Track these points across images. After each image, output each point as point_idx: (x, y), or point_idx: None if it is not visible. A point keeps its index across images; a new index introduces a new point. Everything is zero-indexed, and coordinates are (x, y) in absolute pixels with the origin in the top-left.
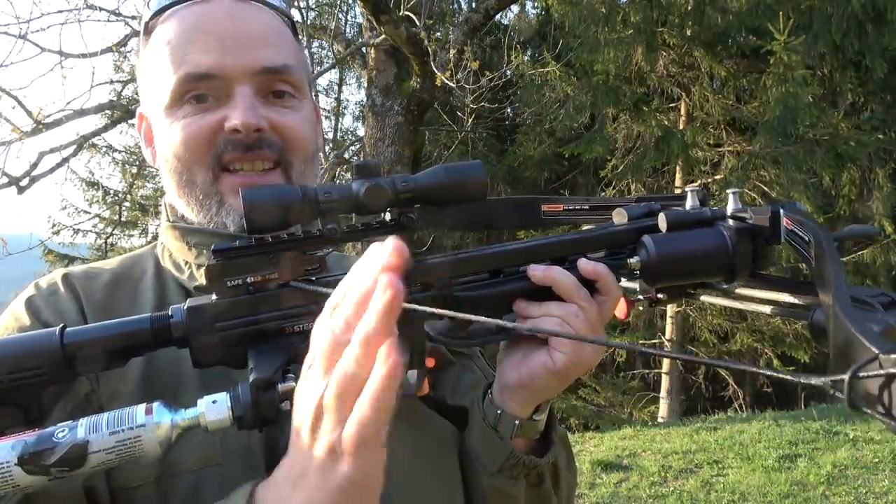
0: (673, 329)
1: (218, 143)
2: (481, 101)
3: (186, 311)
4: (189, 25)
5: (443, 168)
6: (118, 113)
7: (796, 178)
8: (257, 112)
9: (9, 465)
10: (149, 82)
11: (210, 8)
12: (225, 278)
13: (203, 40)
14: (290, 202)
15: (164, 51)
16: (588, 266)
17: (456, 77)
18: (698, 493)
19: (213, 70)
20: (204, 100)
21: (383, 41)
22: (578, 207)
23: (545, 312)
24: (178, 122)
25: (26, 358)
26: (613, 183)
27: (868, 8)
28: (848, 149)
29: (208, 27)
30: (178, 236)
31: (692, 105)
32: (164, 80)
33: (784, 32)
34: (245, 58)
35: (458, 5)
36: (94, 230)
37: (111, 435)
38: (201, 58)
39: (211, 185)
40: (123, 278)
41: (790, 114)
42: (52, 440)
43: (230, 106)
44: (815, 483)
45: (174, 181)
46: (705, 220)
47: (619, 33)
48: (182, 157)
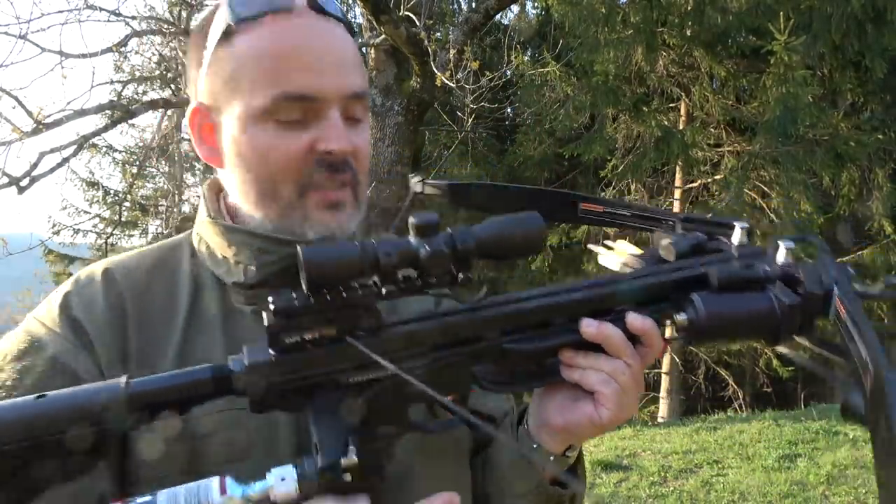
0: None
1: (308, 164)
2: (481, 101)
3: (247, 367)
4: (285, 41)
5: (500, 222)
6: (118, 113)
7: (796, 178)
8: (348, 137)
9: None
10: (228, 86)
11: (300, 23)
12: (283, 335)
13: (303, 60)
14: (349, 261)
15: (257, 61)
16: (637, 322)
17: (456, 77)
18: (698, 493)
19: (313, 93)
20: (299, 113)
21: (383, 41)
22: (619, 212)
23: (593, 366)
24: (268, 135)
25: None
26: (613, 183)
27: (868, 8)
28: (848, 149)
29: (305, 46)
30: (219, 232)
31: (692, 105)
32: (255, 91)
33: (784, 32)
34: (339, 82)
35: (458, 5)
36: (94, 230)
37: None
38: (301, 79)
39: (297, 200)
40: (162, 264)
41: (790, 114)
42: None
43: (321, 127)
44: (815, 483)
45: (252, 188)
46: (757, 282)
47: (619, 33)
48: (269, 171)
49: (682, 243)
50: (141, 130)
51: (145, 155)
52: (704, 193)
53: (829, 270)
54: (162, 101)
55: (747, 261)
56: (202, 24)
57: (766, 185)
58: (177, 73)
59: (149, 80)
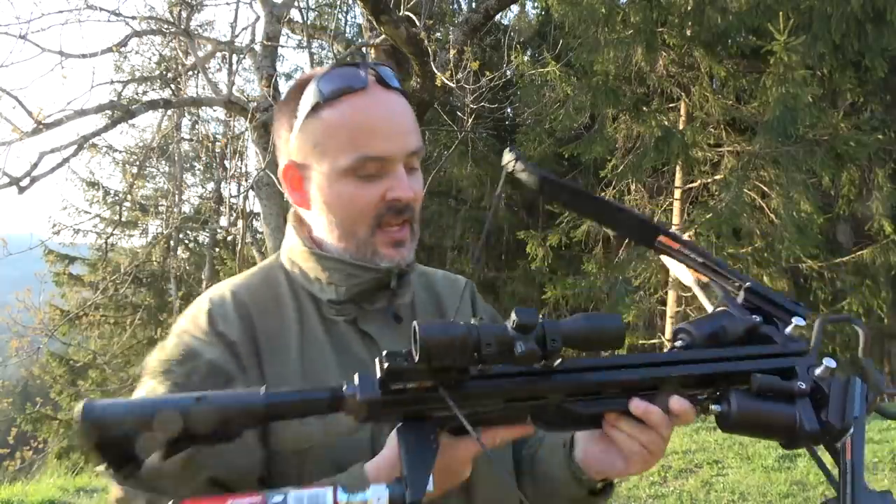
0: (673, 329)
1: (380, 208)
2: (481, 101)
3: (359, 400)
4: (363, 114)
5: (586, 323)
6: (118, 113)
7: (796, 178)
8: (411, 186)
9: None
10: (316, 149)
11: (373, 99)
12: (390, 383)
13: (377, 129)
14: (456, 343)
15: (341, 130)
16: (677, 406)
17: (456, 77)
18: (698, 492)
19: (386, 155)
20: (373, 171)
21: (383, 41)
22: (693, 256)
23: (632, 434)
24: (350, 188)
25: (235, 413)
26: (613, 183)
27: (868, 8)
28: (847, 149)
29: (378, 117)
30: (315, 259)
31: (692, 105)
32: (340, 154)
33: (784, 32)
34: (403, 144)
35: (458, 5)
36: (94, 230)
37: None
38: (377, 144)
39: (369, 238)
40: (268, 284)
41: (790, 114)
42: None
43: (390, 179)
44: (815, 483)
45: (336, 228)
46: (790, 395)
47: (619, 33)
48: (350, 215)
49: (738, 327)
50: (141, 130)
51: (145, 155)
52: (704, 193)
53: (855, 401)
54: (162, 101)
55: (788, 361)
56: (288, 98)
57: (766, 185)
58: (177, 74)
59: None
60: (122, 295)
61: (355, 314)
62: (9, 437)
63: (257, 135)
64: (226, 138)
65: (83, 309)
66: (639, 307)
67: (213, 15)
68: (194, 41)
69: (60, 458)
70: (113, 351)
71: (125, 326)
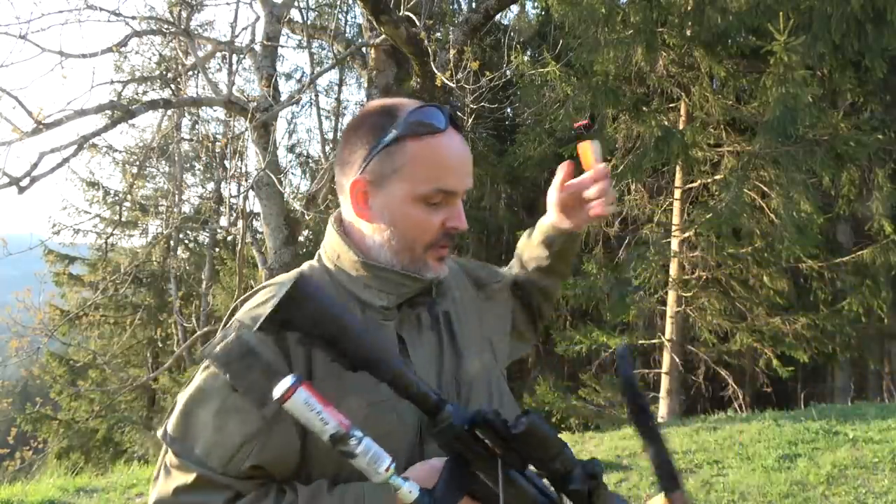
0: (673, 329)
1: (439, 233)
2: (481, 101)
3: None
4: (444, 154)
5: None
6: (118, 113)
7: (796, 179)
8: (464, 217)
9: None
10: (396, 173)
11: (449, 140)
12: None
13: (452, 167)
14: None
15: (425, 164)
16: None
17: (456, 77)
18: (698, 492)
19: (455, 190)
20: (440, 201)
21: (383, 41)
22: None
23: None
24: (420, 212)
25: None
26: (613, 183)
27: (868, 8)
28: (848, 149)
29: (453, 157)
30: (367, 268)
31: (692, 105)
32: (420, 183)
33: (784, 32)
34: (467, 182)
35: (458, 5)
36: (94, 230)
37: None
38: (451, 180)
39: (423, 254)
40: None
41: (790, 114)
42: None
43: (451, 209)
44: (815, 483)
45: (397, 243)
46: None
47: (619, 33)
48: (413, 234)
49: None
50: (141, 130)
51: (145, 155)
52: (704, 193)
53: None
54: (162, 101)
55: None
56: (368, 120)
57: (766, 185)
58: (177, 74)
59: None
60: (122, 295)
61: (398, 320)
62: (9, 437)
63: (257, 135)
64: (226, 138)
65: (83, 309)
66: (639, 307)
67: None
68: (194, 41)
69: (60, 458)
70: (113, 351)
71: (125, 326)
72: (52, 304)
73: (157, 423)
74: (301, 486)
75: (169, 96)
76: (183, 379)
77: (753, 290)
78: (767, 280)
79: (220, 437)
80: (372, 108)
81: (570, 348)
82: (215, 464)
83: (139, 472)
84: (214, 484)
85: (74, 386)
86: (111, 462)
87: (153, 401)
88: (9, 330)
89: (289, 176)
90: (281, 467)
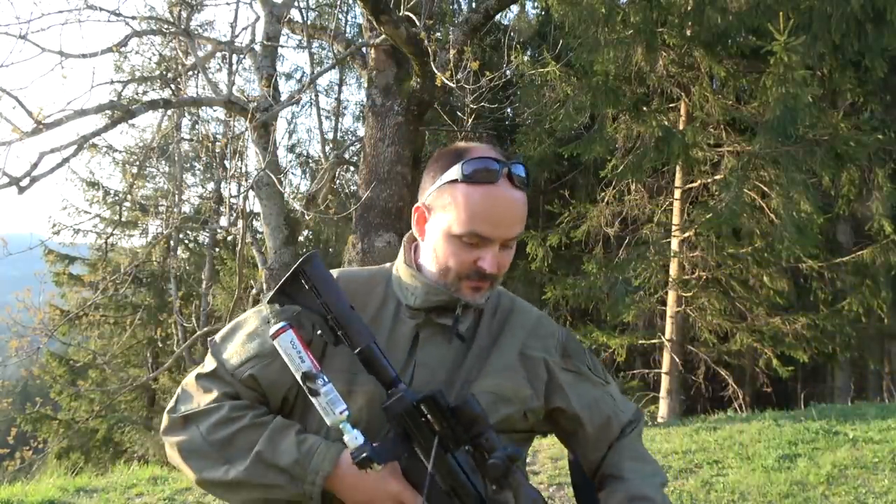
0: (673, 329)
1: (470, 270)
2: (481, 101)
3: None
4: (485, 204)
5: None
6: (118, 113)
7: (796, 179)
8: (497, 262)
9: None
10: (445, 207)
11: (497, 192)
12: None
13: (489, 217)
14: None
15: (467, 208)
16: None
17: (456, 77)
18: (698, 492)
19: (488, 236)
20: (474, 244)
21: (383, 41)
22: None
23: None
24: (454, 247)
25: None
26: (613, 183)
27: (868, 8)
28: (848, 149)
29: (494, 208)
30: (413, 276)
31: (692, 105)
32: (459, 222)
33: (784, 32)
34: (503, 233)
35: (458, 5)
36: (94, 230)
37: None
38: (485, 227)
39: (456, 282)
40: (370, 281)
41: (790, 114)
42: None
43: (485, 251)
44: (815, 483)
45: (435, 265)
46: None
47: (619, 33)
48: (447, 263)
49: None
50: (141, 130)
51: (145, 155)
52: (704, 193)
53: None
54: (162, 101)
55: None
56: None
57: (766, 185)
58: (177, 74)
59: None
60: (121, 295)
61: (422, 321)
62: (9, 437)
63: (257, 135)
64: (226, 138)
65: (83, 309)
66: (639, 307)
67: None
68: (194, 41)
69: (60, 458)
70: (113, 351)
71: (125, 326)
72: (52, 304)
73: (156, 423)
74: (279, 417)
75: (169, 96)
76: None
77: (753, 290)
78: (767, 280)
79: (241, 348)
80: (451, 147)
81: None
82: (229, 365)
83: (139, 473)
84: (223, 379)
85: (74, 386)
86: (111, 462)
87: (153, 401)
88: (9, 330)
89: (289, 176)
90: (272, 390)
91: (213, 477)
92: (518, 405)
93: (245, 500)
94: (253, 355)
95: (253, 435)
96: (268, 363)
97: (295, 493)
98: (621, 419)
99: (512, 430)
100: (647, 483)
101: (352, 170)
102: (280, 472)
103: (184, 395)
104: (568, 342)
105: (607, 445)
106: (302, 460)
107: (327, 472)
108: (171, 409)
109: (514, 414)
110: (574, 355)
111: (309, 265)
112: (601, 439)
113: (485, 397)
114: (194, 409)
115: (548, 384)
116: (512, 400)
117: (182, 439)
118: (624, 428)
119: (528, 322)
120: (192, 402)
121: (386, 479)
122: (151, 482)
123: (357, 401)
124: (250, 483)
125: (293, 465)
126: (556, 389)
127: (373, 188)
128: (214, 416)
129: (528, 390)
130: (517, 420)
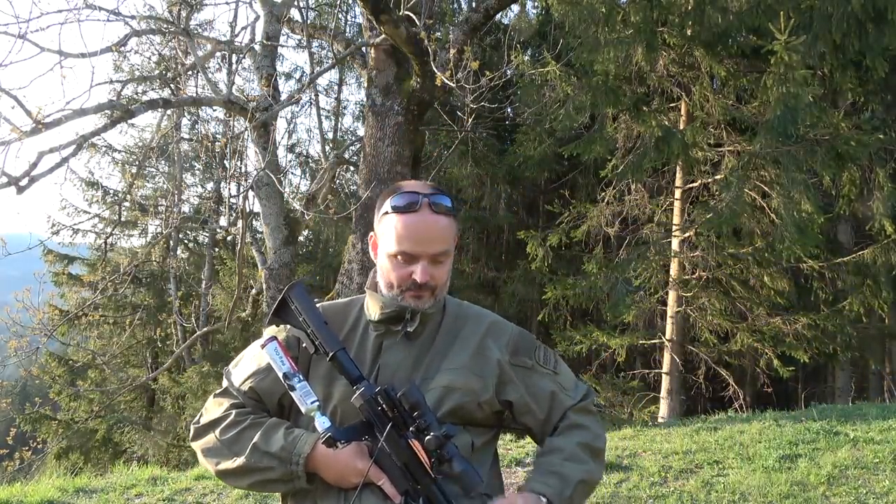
0: (673, 329)
1: (407, 282)
2: (481, 101)
3: (361, 391)
4: (408, 228)
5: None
6: (118, 113)
7: (796, 178)
8: (428, 273)
9: (282, 367)
10: (383, 235)
11: (419, 217)
12: (381, 398)
13: (412, 238)
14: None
15: (394, 232)
16: None
17: (456, 77)
18: (698, 493)
19: (415, 253)
20: (406, 260)
21: (383, 41)
22: None
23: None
24: (391, 265)
25: (322, 339)
26: (613, 183)
27: (868, 8)
28: (848, 149)
29: (415, 232)
30: (371, 296)
31: (692, 105)
32: (391, 242)
33: (784, 32)
34: (425, 249)
35: (458, 5)
36: (93, 230)
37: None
38: (409, 246)
39: (400, 294)
40: (348, 307)
41: (791, 114)
42: (295, 378)
43: (416, 266)
44: (816, 483)
45: (383, 282)
46: None
47: (619, 33)
48: (390, 278)
49: None
50: (140, 130)
51: (145, 155)
52: (704, 193)
53: None
54: (161, 100)
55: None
56: (385, 193)
57: (767, 185)
58: (176, 73)
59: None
60: (121, 295)
61: (383, 332)
62: (8, 438)
63: (257, 135)
64: (226, 138)
65: (82, 309)
66: (639, 307)
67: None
68: (194, 41)
69: (59, 458)
70: (112, 351)
71: (125, 326)
72: (52, 304)
73: (156, 423)
74: (274, 418)
75: (168, 96)
76: (182, 379)
77: (754, 290)
78: (768, 280)
79: (244, 369)
80: (392, 186)
81: (570, 348)
82: (235, 382)
83: (138, 473)
84: (231, 394)
85: (74, 386)
86: (110, 462)
87: (153, 401)
88: (8, 330)
89: (288, 176)
90: (268, 398)
91: (226, 467)
92: (470, 397)
93: (250, 483)
94: (252, 372)
95: (253, 432)
96: (263, 377)
97: (284, 472)
98: (565, 403)
99: (472, 421)
100: (564, 439)
101: (352, 170)
102: (272, 457)
103: (205, 410)
104: (519, 340)
105: (554, 427)
106: (288, 446)
107: (307, 453)
108: (196, 421)
109: (466, 404)
110: (523, 352)
111: (293, 291)
112: (548, 422)
113: (438, 391)
114: (210, 418)
115: (499, 378)
116: (462, 391)
117: (204, 443)
118: (567, 411)
119: (482, 326)
120: (210, 414)
121: (354, 458)
122: (151, 482)
123: (334, 398)
124: (251, 468)
125: (281, 450)
126: (508, 382)
127: (373, 188)
128: (225, 421)
129: (478, 384)
130: (472, 410)
